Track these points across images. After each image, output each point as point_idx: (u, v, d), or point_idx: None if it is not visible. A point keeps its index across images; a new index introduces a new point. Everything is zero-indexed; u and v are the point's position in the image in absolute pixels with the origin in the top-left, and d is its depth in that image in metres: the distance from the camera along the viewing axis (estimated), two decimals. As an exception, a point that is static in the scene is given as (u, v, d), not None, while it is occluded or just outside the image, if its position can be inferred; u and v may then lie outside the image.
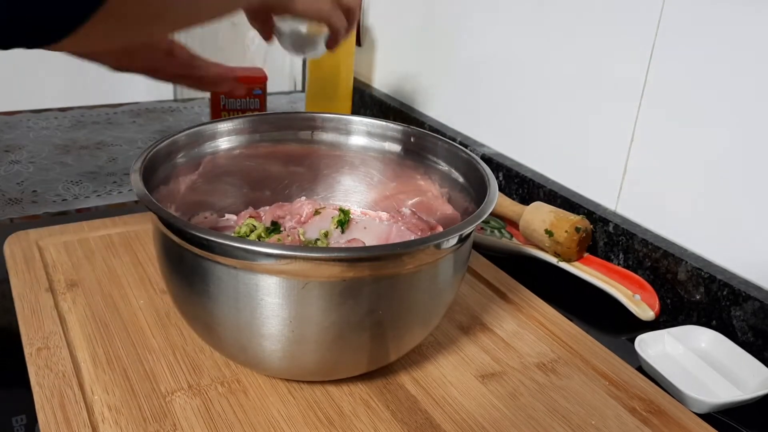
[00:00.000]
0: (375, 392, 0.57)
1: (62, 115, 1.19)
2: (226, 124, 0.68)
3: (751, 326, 0.66)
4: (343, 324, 0.51)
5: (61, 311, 0.64)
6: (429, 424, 0.54)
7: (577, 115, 0.86)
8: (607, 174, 0.83)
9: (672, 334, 0.66)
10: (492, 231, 0.85)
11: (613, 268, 0.77)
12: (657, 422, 0.56)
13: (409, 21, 1.13)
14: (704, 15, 0.69)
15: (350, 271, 0.48)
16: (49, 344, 0.59)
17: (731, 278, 0.69)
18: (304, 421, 0.53)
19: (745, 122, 0.68)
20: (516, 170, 0.93)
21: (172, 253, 0.53)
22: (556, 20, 0.87)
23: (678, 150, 0.74)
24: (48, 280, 0.68)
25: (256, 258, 0.47)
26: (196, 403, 0.54)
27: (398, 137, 0.70)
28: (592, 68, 0.83)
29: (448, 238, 0.51)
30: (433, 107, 1.13)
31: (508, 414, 0.56)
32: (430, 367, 0.61)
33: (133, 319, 0.63)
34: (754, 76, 0.66)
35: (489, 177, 0.60)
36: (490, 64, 0.99)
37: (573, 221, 0.77)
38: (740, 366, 0.63)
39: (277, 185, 0.73)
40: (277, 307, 0.49)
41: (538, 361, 0.63)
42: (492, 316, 0.69)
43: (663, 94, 0.75)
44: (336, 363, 0.54)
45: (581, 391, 0.59)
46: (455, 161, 0.66)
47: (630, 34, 0.77)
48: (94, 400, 0.54)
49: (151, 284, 0.69)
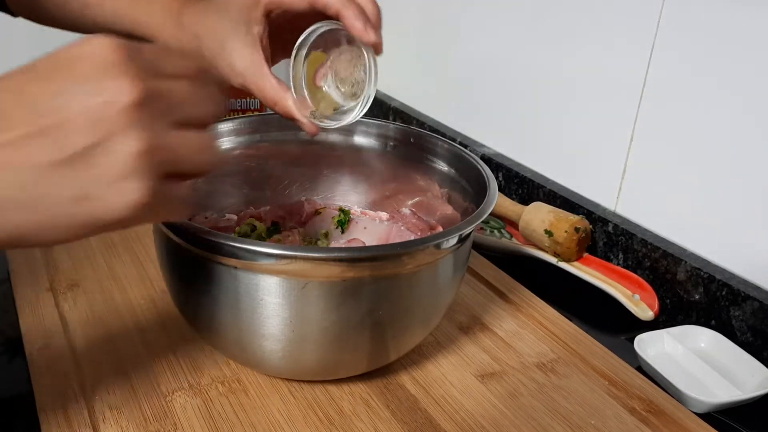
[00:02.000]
0: (375, 392, 0.57)
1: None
2: (227, 124, 0.68)
3: (751, 326, 0.66)
4: (343, 324, 0.51)
5: (61, 311, 0.64)
6: (429, 424, 0.54)
7: (576, 115, 0.86)
8: (606, 174, 0.83)
9: (671, 333, 0.66)
10: (492, 231, 0.85)
11: (612, 268, 0.77)
12: (656, 422, 0.56)
13: (409, 21, 1.13)
14: (704, 15, 0.70)
15: (350, 271, 0.48)
16: (49, 344, 0.59)
17: (730, 278, 0.69)
18: (304, 421, 0.53)
19: (745, 122, 0.68)
20: (515, 170, 0.93)
21: (173, 252, 0.53)
22: (556, 20, 0.87)
23: (677, 150, 0.74)
24: (49, 279, 0.68)
25: (256, 258, 0.47)
26: (196, 403, 0.54)
27: (398, 137, 0.70)
28: (591, 68, 0.83)
29: (448, 238, 0.51)
30: (433, 107, 1.13)
31: (508, 414, 0.56)
32: (430, 367, 0.61)
33: (133, 319, 0.63)
34: (754, 76, 0.66)
35: (489, 177, 0.60)
36: (490, 65, 0.99)
37: (572, 221, 0.77)
38: (739, 366, 0.63)
39: (278, 185, 0.73)
40: (277, 307, 0.49)
41: (538, 360, 0.63)
42: (492, 316, 0.69)
43: (662, 94, 0.75)
44: (336, 363, 0.54)
45: (581, 391, 0.59)
46: (455, 161, 0.66)
47: (629, 34, 0.77)
48: (94, 399, 0.54)
49: (151, 284, 0.69)
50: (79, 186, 0.34)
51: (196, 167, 0.37)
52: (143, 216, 0.36)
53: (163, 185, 0.35)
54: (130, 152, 0.33)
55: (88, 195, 0.34)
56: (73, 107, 0.33)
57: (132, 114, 0.33)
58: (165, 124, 0.35)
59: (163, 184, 0.35)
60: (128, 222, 0.36)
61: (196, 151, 0.37)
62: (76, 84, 0.33)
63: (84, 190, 0.34)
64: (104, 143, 0.33)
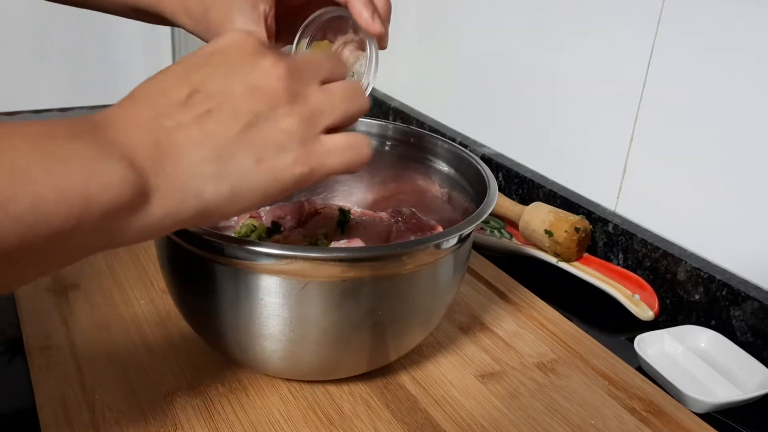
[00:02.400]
0: (375, 392, 0.57)
1: (63, 116, 1.19)
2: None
3: (751, 326, 0.66)
4: (344, 324, 0.51)
5: (62, 311, 0.64)
6: (429, 424, 0.54)
7: (576, 115, 0.86)
8: (606, 174, 0.83)
9: (671, 333, 0.66)
10: (492, 231, 0.85)
11: (612, 268, 0.77)
12: (656, 422, 0.56)
13: (409, 21, 1.13)
14: (704, 15, 0.70)
15: (350, 271, 0.48)
16: (50, 344, 0.59)
17: (730, 278, 0.69)
18: (304, 421, 0.53)
19: (745, 122, 0.68)
20: (515, 170, 0.93)
21: (173, 253, 0.53)
22: (556, 20, 0.87)
23: (677, 150, 0.74)
24: (49, 279, 0.68)
25: (256, 258, 0.47)
26: (196, 403, 0.54)
27: (398, 137, 0.70)
28: (591, 68, 0.83)
29: (448, 238, 0.51)
30: (433, 107, 1.13)
31: (508, 414, 0.56)
32: (430, 367, 0.61)
33: (133, 319, 0.63)
34: (754, 76, 0.66)
35: (489, 177, 0.60)
36: (490, 64, 0.99)
37: (572, 221, 0.77)
38: (739, 366, 0.63)
39: (278, 185, 0.73)
40: (277, 307, 0.49)
41: (538, 361, 0.63)
42: (492, 316, 0.69)
43: (662, 94, 0.75)
44: (336, 363, 0.54)
45: (581, 391, 0.59)
46: (455, 161, 0.66)
47: (630, 34, 0.77)
48: (95, 400, 0.54)
49: (151, 284, 0.69)
50: (255, 150, 0.39)
51: (349, 114, 0.43)
52: (317, 170, 0.41)
53: (323, 137, 0.41)
54: (289, 112, 0.40)
55: (263, 157, 0.39)
56: (236, 85, 0.39)
57: (283, 80, 0.40)
58: (313, 85, 0.41)
59: (323, 137, 0.41)
60: (307, 177, 0.41)
61: (344, 100, 0.42)
62: (233, 67, 0.40)
63: (260, 153, 0.39)
64: (267, 110, 0.39)
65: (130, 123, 0.37)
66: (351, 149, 0.42)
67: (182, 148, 0.37)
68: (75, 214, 0.33)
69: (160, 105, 0.38)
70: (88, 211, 0.34)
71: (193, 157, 0.37)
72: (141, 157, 0.36)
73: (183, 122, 0.38)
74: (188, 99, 0.38)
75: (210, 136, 0.38)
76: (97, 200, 0.34)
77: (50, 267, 0.36)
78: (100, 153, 0.35)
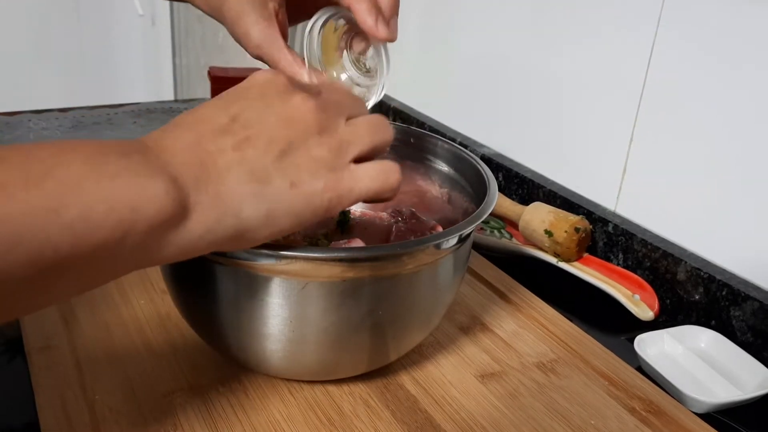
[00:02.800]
0: (375, 392, 0.57)
1: (63, 116, 1.19)
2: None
3: (751, 326, 0.66)
4: (343, 324, 0.51)
5: (62, 311, 0.64)
6: (429, 424, 0.54)
7: (576, 115, 0.86)
8: (606, 174, 0.83)
9: (671, 334, 0.66)
10: (492, 231, 0.85)
11: (612, 268, 0.77)
12: (656, 422, 0.56)
13: (409, 21, 1.13)
14: (704, 15, 0.70)
15: (350, 272, 0.48)
16: (50, 345, 0.59)
17: (730, 278, 0.69)
18: (304, 421, 0.53)
19: (745, 122, 0.68)
20: (515, 170, 0.93)
21: (173, 253, 0.53)
22: (556, 20, 0.87)
23: (677, 150, 0.74)
24: (49, 280, 0.68)
25: (256, 258, 0.47)
26: (196, 403, 0.54)
27: (398, 137, 0.70)
28: (591, 68, 0.83)
29: (448, 238, 0.51)
30: (433, 107, 1.13)
31: (508, 414, 0.56)
32: (430, 367, 0.61)
33: (133, 320, 0.63)
34: (754, 76, 0.66)
35: (489, 177, 0.60)
36: (490, 64, 0.99)
37: (572, 221, 0.77)
38: (739, 366, 0.63)
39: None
40: (277, 307, 0.49)
41: (538, 361, 0.63)
42: (492, 316, 0.69)
43: (662, 94, 0.75)
44: (336, 363, 0.54)
45: (581, 391, 0.59)
46: (455, 161, 0.66)
47: (629, 34, 0.77)
48: (95, 400, 0.54)
49: (151, 284, 0.69)
50: (290, 175, 0.41)
51: (375, 144, 0.45)
52: (345, 197, 0.43)
53: (352, 166, 0.44)
54: (320, 142, 0.43)
55: (297, 182, 0.41)
56: (271, 116, 0.42)
57: (314, 113, 0.43)
58: (340, 119, 0.44)
59: (352, 165, 0.44)
60: (336, 203, 0.43)
61: (369, 132, 0.45)
62: (267, 100, 0.43)
63: (294, 177, 0.41)
64: (300, 139, 0.42)
65: (176, 145, 0.40)
66: (380, 176, 0.44)
67: (223, 169, 0.40)
68: (122, 227, 0.36)
69: (202, 131, 0.41)
70: (134, 224, 0.36)
71: (233, 177, 0.40)
72: (185, 175, 0.38)
73: (224, 146, 0.40)
74: (228, 126, 0.41)
75: (249, 159, 0.40)
76: (143, 213, 0.36)
77: (90, 283, 0.38)
78: (147, 170, 0.37)
